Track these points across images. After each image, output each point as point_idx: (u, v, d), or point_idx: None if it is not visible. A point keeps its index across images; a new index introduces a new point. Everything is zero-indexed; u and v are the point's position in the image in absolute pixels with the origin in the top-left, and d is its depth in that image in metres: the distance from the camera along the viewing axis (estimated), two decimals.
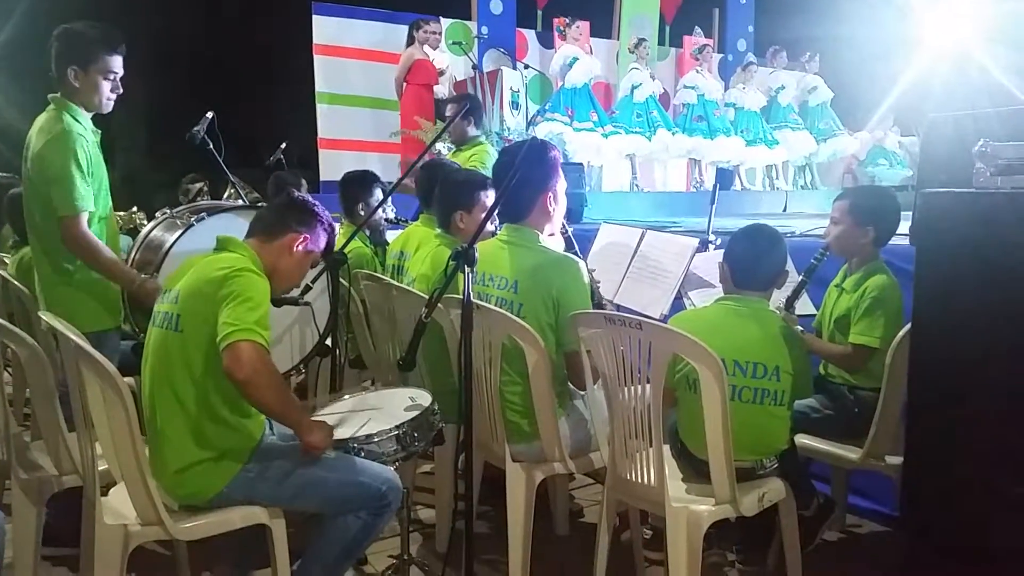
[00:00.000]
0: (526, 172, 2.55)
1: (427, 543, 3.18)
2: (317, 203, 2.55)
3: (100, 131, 3.03)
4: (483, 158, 5.13)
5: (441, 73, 7.96)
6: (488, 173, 3.48)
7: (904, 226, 3.00)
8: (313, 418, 2.42)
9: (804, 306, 3.11)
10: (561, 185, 2.86)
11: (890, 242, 2.96)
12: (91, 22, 2.95)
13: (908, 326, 2.25)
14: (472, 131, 5.35)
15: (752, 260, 2.57)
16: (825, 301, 3.04)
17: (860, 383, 2.84)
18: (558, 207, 2.85)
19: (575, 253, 3.09)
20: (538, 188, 2.77)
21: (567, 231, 3.10)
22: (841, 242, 2.95)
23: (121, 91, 3.00)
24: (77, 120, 2.90)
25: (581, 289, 2.70)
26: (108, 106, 2.98)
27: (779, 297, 2.84)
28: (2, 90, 9.55)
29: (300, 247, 2.46)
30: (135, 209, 4.88)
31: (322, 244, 2.55)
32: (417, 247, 3.48)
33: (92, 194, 2.89)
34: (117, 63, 2.95)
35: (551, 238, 2.92)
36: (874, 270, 2.87)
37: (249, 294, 2.17)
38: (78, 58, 2.88)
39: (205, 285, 2.22)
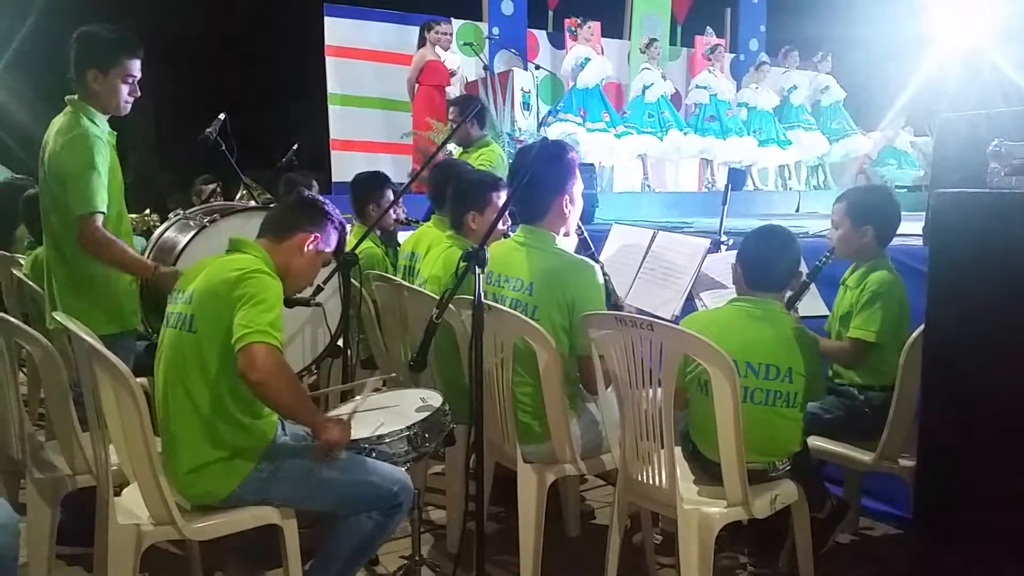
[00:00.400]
0: (542, 173, 2.54)
1: (438, 544, 3.19)
2: (327, 202, 2.54)
3: (116, 133, 3.03)
4: (491, 158, 5.14)
5: (452, 74, 7.97)
6: (497, 173, 3.47)
7: (916, 226, 2.98)
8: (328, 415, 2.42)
9: (815, 308, 3.10)
10: (578, 187, 2.85)
11: (903, 242, 2.94)
12: (110, 25, 2.94)
13: (922, 327, 2.24)
14: (476, 132, 5.35)
15: (765, 261, 2.57)
16: (836, 301, 3.03)
17: (868, 383, 2.83)
18: (574, 209, 2.84)
19: (591, 254, 3.08)
20: (554, 190, 2.76)
21: (583, 233, 3.09)
22: (844, 244, 2.96)
23: (139, 95, 3.00)
24: (94, 122, 2.90)
25: (596, 293, 2.69)
26: (126, 109, 2.98)
27: None
28: (16, 93, 9.62)
29: (311, 247, 2.45)
30: (148, 211, 4.92)
31: (333, 243, 2.54)
32: (428, 248, 3.48)
33: (107, 195, 2.89)
34: (136, 66, 2.95)
35: (565, 238, 2.91)
36: (876, 266, 2.87)
37: (263, 296, 2.18)
38: (98, 61, 2.88)
39: (219, 286, 2.23)
